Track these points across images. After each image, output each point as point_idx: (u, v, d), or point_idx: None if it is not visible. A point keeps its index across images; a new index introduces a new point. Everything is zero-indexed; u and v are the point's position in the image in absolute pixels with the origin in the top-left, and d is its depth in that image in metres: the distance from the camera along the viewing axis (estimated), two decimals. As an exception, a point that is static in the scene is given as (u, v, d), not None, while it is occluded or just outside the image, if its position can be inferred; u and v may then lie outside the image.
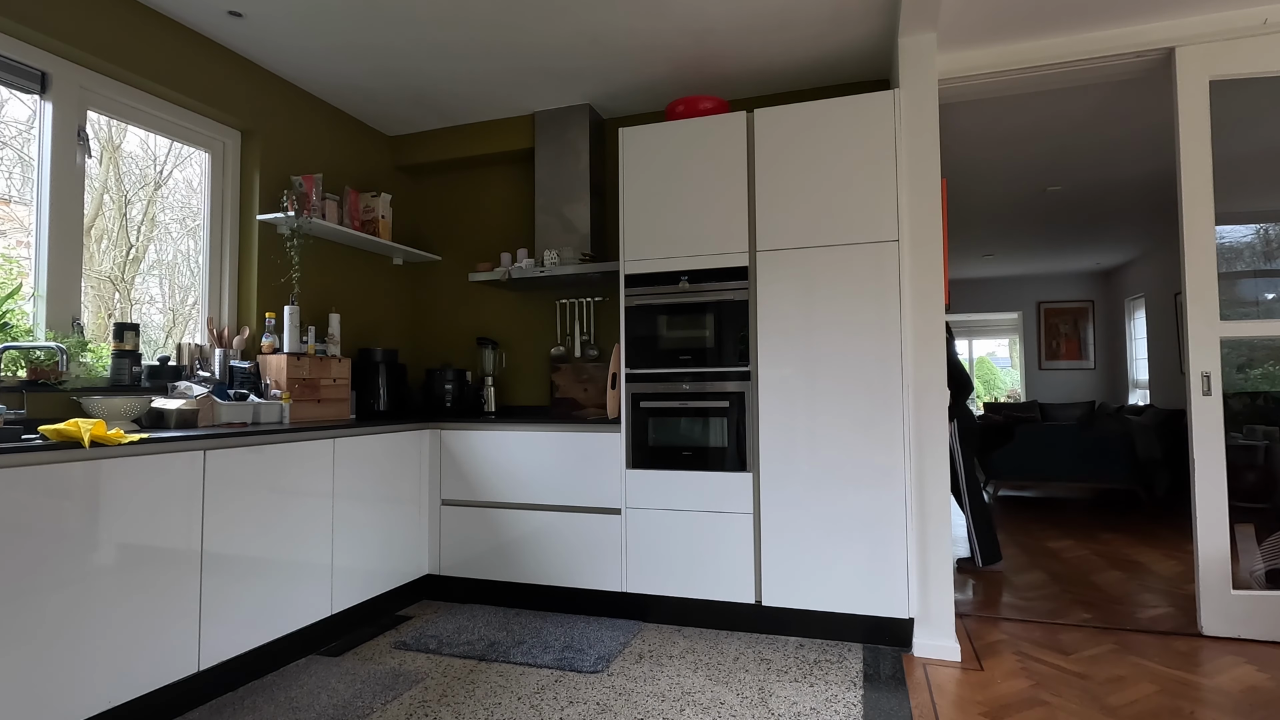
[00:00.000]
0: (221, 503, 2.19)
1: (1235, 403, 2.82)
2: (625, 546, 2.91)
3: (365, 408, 3.37)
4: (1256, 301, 2.85)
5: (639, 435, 2.92)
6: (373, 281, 3.77)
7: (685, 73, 3.21)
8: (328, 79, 3.26)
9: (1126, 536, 4.52)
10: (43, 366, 2.23)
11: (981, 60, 2.93)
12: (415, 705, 2.15)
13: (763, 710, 2.11)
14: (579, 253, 3.47)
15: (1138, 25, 2.78)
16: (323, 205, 3.20)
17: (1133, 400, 8.15)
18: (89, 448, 1.81)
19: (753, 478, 2.75)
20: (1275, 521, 2.83)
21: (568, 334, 3.73)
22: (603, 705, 2.14)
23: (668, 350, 2.91)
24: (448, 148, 3.85)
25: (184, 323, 2.99)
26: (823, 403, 2.67)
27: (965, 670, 2.41)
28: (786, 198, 2.77)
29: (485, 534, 3.13)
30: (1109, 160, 4.46)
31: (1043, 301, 9.02)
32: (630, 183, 3.01)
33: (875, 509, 2.59)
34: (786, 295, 2.75)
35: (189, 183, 3.00)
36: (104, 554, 1.85)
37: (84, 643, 1.80)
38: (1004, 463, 5.92)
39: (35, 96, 2.39)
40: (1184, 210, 2.74)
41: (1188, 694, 2.21)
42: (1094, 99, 3.52)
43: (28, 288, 2.37)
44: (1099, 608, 3.07)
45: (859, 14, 2.73)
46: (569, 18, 2.75)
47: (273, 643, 2.41)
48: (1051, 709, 2.12)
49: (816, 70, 3.20)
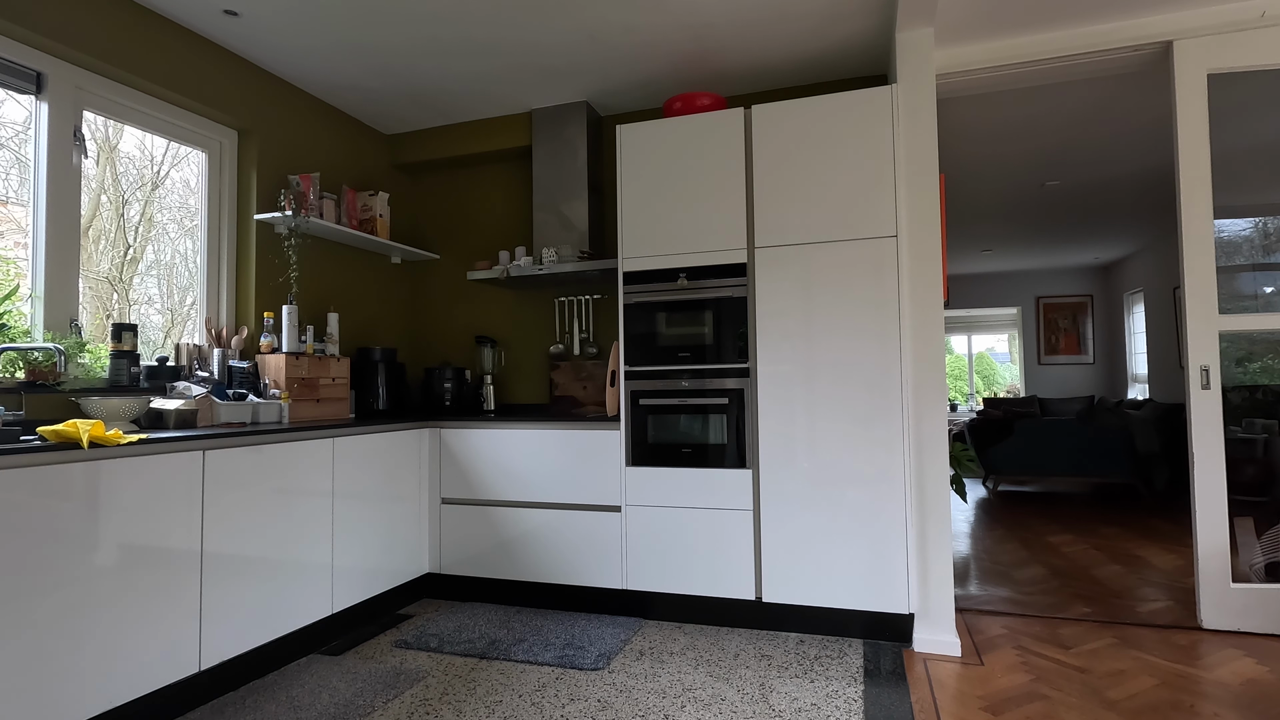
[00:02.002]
0: (221, 503, 2.19)
1: (1234, 396, 2.82)
2: (625, 544, 2.91)
3: (364, 407, 3.37)
4: (1255, 295, 2.84)
5: (638, 433, 2.92)
6: (371, 280, 3.77)
7: (683, 69, 3.21)
8: (324, 78, 3.25)
9: (1126, 531, 4.52)
10: (41, 367, 2.23)
11: (979, 55, 2.93)
12: (416, 704, 2.16)
13: (764, 706, 2.11)
14: (577, 250, 3.46)
15: (1135, 19, 2.78)
16: (320, 204, 3.19)
17: (1132, 394, 8.15)
18: (88, 448, 1.81)
19: (752, 474, 2.76)
20: (1274, 515, 2.83)
21: (566, 332, 3.73)
22: (604, 702, 2.15)
23: (667, 347, 2.91)
24: (445, 146, 3.84)
25: (182, 323, 2.98)
26: (822, 398, 2.67)
27: (966, 665, 2.42)
28: (785, 194, 2.77)
29: (485, 532, 3.13)
30: (1107, 154, 4.46)
31: (1041, 296, 9.02)
32: (628, 180, 3.00)
33: (875, 504, 2.59)
34: (785, 292, 2.75)
35: (186, 183, 3.00)
36: (104, 554, 1.85)
37: (85, 643, 1.80)
38: (1004, 458, 5.93)
39: (31, 97, 2.38)
40: (1182, 204, 2.73)
41: (1188, 687, 2.22)
42: (1092, 93, 3.52)
43: (25, 289, 2.37)
44: (1099, 602, 3.08)
45: (856, 9, 2.72)
46: (567, 14, 2.74)
47: (273, 642, 2.41)
48: (1052, 703, 2.12)
49: (814, 66, 3.19)
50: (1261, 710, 2.05)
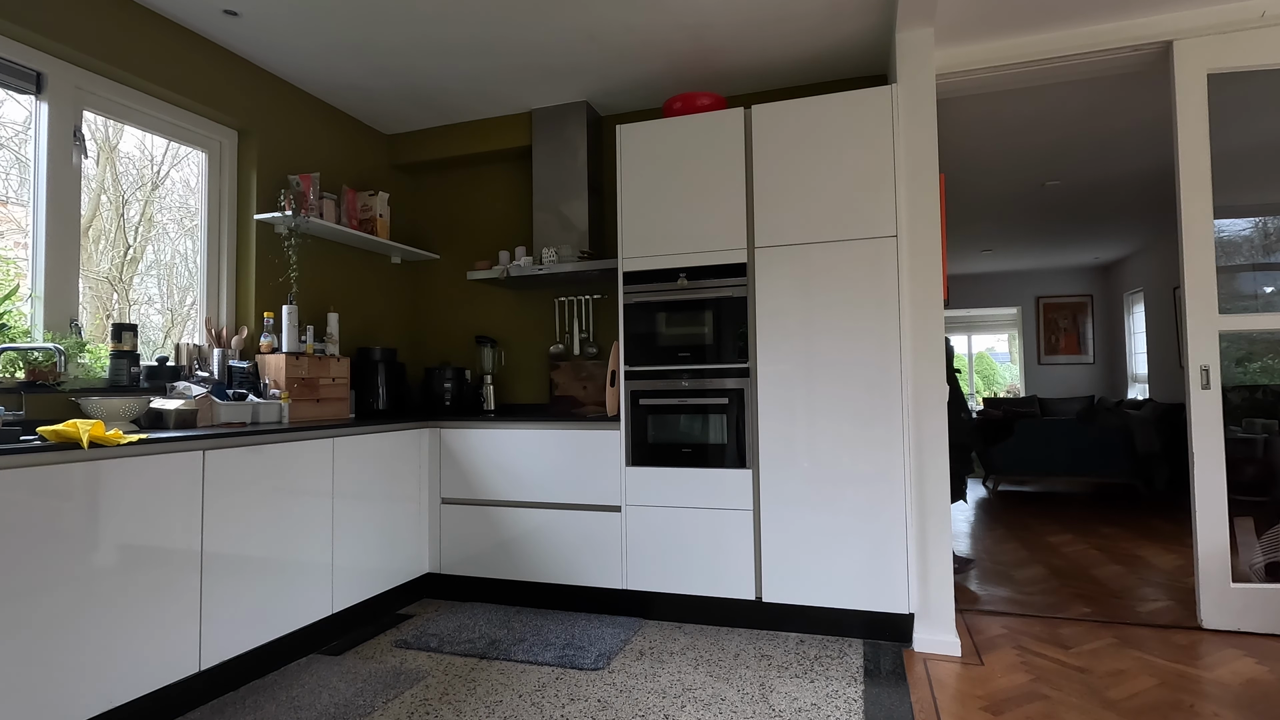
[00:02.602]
0: (221, 503, 2.19)
1: (1234, 396, 2.82)
2: (625, 544, 2.91)
3: (364, 407, 3.37)
4: (1255, 295, 2.84)
5: (638, 433, 2.92)
6: (371, 280, 3.77)
7: (683, 69, 3.21)
8: (324, 77, 3.25)
9: (1126, 531, 4.52)
10: (41, 367, 2.23)
11: (979, 55, 2.93)
12: (417, 703, 2.16)
13: (764, 706, 2.11)
14: (577, 250, 3.46)
15: (1135, 19, 2.78)
16: (320, 204, 3.19)
17: (1132, 394, 8.15)
18: (88, 448, 1.81)
19: (752, 474, 2.75)
20: (1274, 514, 2.83)
21: (566, 332, 3.73)
22: (604, 702, 2.15)
23: (667, 347, 2.91)
24: (445, 146, 3.84)
25: (182, 323, 2.98)
26: (822, 398, 2.67)
27: (965, 665, 2.42)
28: (785, 194, 2.77)
29: (485, 532, 3.13)
30: (1107, 154, 4.46)
31: (1041, 296, 9.02)
32: (628, 180, 3.00)
33: (875, 504, 2.59)
34: (785, 292, 2.75)
35: (186, 183, 2.99)
36: (104, 554, 1.85)
37: (85, 643, 1.80)
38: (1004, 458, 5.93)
39: (31, 97, 2.38)
40: (1182, 204, 2.73)
41: (1188, 687, 2.21)
42: (1092, 93, 3.52)
43: (25, 289, 2.37)
44: (1099, 602, 3.08)
45: (856, 9, 2.72)
46: (566, 14, 2.74)
47: (274, 642, 2.41)
48: (1052, 703, 2.12)
49: (814, 66, 3.19)
50: (1261, 710, 2.05)
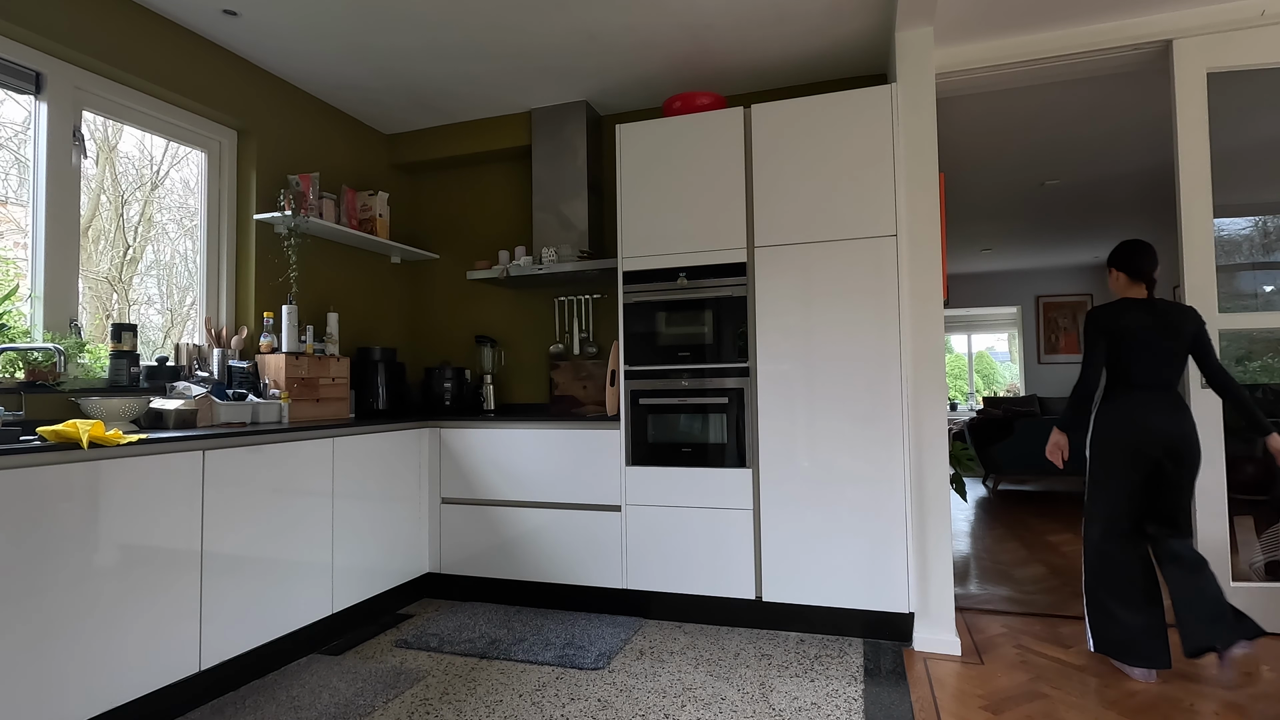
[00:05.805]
0: (221, 503, 2.19)
1: (1234, 395, 2.82)
2: (625, 543, 2.91)
3: (364, 407, 3.37)
4: (1255, 294, 2.84)
5: (638, 432, 2.92)
6: (371, 280, 3.76)
7: (682, 69, 3.21)
8: (324, 77, 3.25)
9: (1126, 529, 4.52)
10: (40, 368, 2.23)
11: (978, 54, 2.93)
12: (417, 703, 2.16)
13: (764, 705, 2.11)
14: (577, 250, 3.46)
15: (1134, 18, 2.77)
16: (320, 204, 3.19)
17: (1132, 393, 8.13)
18: (88, 449, 1.81)
19: (752, 474, 2.75)
20: (1274, 514, 2.83)
21: (566, 331, 3.73)
22: (604, 702, 2.15)
23: (666, 347, 2.91)
24: (445, 146, 3.84)
25: (182, 323, 2.98)
26: (822, 398, 2.67)
27: (965, 664, 2.42)
28: (784, 193, 2.77)
29: (486, 532, 3.13)
30: (1107, 153, 4.46)
31: (1041, 295, 9.02)
32: (628, 179, 3.00)
33: (875, 503, 2.59)
34: (785, 291, 2.75)
35: (186, 183, 2.99)
36: (104, 555, 1.85)
37: (84, 643, 1.80)
38: (1004, 456, 5.93)
39: (30, 97, 2.38)
40: (1182, 203, 2.73)
41: (1187, 686, 2.22)
42: (1091, 92, 3.52)
43: (25, 289, 2.37)
44: (1099, 601, 3.08)
45: (855, 8, 2.72)
46: (566, 14, 2.74)
47: (274, 642, 2.41)
48: (1051, 702, 2.12)
49: (814, 65, 3.19)
50: (1261, 710, 2.05)
